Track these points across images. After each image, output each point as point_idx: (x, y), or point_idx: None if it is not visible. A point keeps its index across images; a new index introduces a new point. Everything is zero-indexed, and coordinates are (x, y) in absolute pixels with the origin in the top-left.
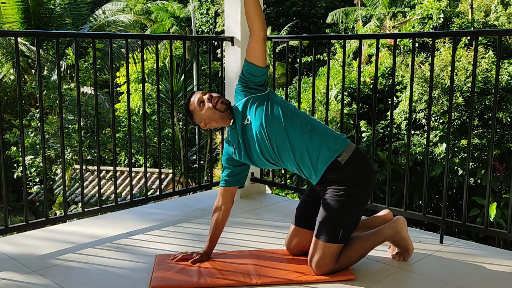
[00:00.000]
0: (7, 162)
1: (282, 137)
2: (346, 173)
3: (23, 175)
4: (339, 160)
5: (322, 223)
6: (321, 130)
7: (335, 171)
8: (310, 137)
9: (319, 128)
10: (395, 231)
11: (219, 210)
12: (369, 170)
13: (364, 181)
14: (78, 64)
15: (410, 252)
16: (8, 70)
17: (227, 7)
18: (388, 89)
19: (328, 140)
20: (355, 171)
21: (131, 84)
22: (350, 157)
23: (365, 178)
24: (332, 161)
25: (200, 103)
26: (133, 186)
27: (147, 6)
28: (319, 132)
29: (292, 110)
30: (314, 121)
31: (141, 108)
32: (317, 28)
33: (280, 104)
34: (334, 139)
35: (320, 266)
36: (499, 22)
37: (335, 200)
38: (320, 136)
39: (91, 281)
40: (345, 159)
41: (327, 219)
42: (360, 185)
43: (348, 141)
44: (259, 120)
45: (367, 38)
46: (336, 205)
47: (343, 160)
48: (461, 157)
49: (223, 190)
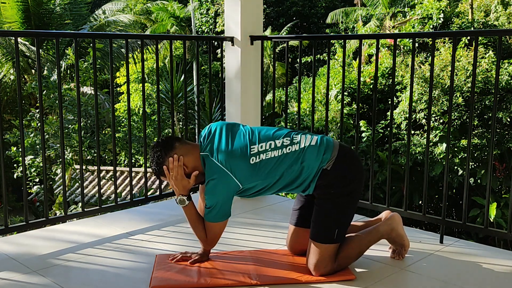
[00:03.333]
0: (7, 162)
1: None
2: (334, 176)
3: (23, 175)
4: (325, 168)
5: (316, 224)
6: (307, 153)
7: (323, 177)
8: (299, 168)
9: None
10: (390, 228)
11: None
12: (356, 168)
13: (353, 180)
14: (78, 64)
15: (406, 248)
16: (8, 70)
17: (227, 7)
18: (388, 89)
19: (315, 158)
20: (343, 173)
21: (131, 84)
22: (335, 161)
23: (353, 176)
24: (320, 173)
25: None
26: (133, 186)
27: (147, 6)
28: (307, 158)
29: (272, 175)
30: (295, 155)
31: (141, 108)
32: (317, 28)
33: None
34: (318, 153)
35: (318, 267)
36: (499, 22)
37: (327, 202)
38: (307, 161)
39: (91, 281)
40: (331, 165)
41: (321, 221)
42: (350, 184)
43: (330, 142)
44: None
45: (367, 38)
46: (328, 206)
47: (329, 166)
48: (461, 157)
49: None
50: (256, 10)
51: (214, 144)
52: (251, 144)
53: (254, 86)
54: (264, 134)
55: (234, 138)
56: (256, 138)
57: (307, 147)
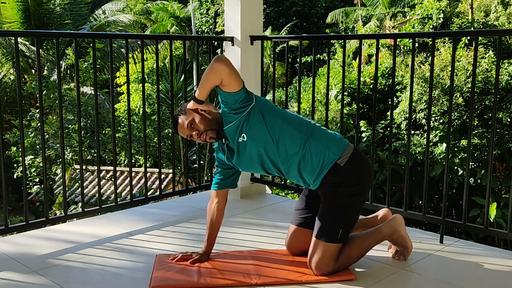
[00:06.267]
0: (7, 162)
1: (284, 157)
2: (345, 174)
3: (23, 175)
4: (339, 163)
5: (322, 223)
6: (319, 135)
7: (335, 173)
8: (310, 146)
9: (318, 133)
10: (393, 230)
11: (213, 210)
12: (367, 170)
13: (362, 181)
14: (78, 64)
15: (409, 250)
16: (8, 70)
17: (227, 7)
18: (388, 89)
19: (328, 145)
20: (354, 172)
21: (131, 84)
22: (349, 158)
23: (363, 178)
24: (332, 165)
25: (189, 136)
26: (133, 186)
27: (147, 6)
28: (318, 138)
29: (287, 118)
30: (310, 126)
31: (141, 108)
32: (317, 28)
33: (275, 114)
34: (333, 142)
35: (320, 266)
36: (499, 22)
37: (334, 201)
38: (320, 142)
39: (91, 281)
40: (344, 161)
41: (326, 219)
42: (359, 185)
43: (346, 141)
44: (258, 144)
45: (367, 38)
46: (335, 205)
47: (342, 162)
48: (461, 157)
49: (215, 192)
50: (256, 10)
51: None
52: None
53: (254, 86)
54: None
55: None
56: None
57: (327, 133)
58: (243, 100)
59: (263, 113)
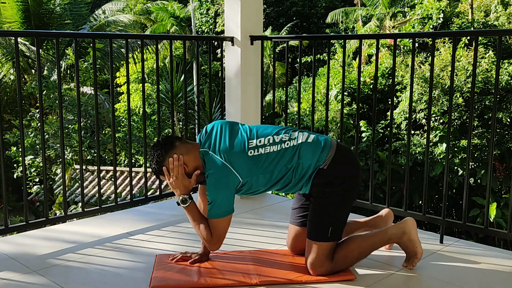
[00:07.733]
0: (7, 162)
1: (277, 188)
2: (330, 175)
3: (23, 175)
4: (322, 167)
5: (312, 222)
6: (303, 157)
7: (319, 176)
8: (296, 171)
9: (302, 156)
10: (402, 231)
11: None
12: (353, 167)
13: (348, 178)
14: (78, 64)
15: (419, 256)
16: (8, 70)
17: (227, 7)
18: (388, 89)
19: (311, 156)
20: (338, 172)
21: (131, 84)
22: (331, 160)
23: (349, 175)
24: (316, 171)
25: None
26: (133, 186)
27: (147, 6)
28: (304, 159)
29: (273, 172)
30: (293, 154)
31: (141, 108)
32: (317, 28)
33: (264, 177)
34: (315, 154)
35: (315, 266)
36: (499, 22)
37: (322, 200)
38: (303, 158)
39: (91, 281)
40: (327, 164)
41: (315, 219)
42: (346, 183)
43: (328, 141)
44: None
45: (367, 38)
46: (323, 204)
47: (325, 165)
48: (461, 157)
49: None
50: (256, 10)
51: (212, 140)
52: (249, 139)
53: (254, 86)
54: (262, 131)
55: (232, 135)
56: (254, 134)
57: (303, 143)
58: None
59: (257, 181)
